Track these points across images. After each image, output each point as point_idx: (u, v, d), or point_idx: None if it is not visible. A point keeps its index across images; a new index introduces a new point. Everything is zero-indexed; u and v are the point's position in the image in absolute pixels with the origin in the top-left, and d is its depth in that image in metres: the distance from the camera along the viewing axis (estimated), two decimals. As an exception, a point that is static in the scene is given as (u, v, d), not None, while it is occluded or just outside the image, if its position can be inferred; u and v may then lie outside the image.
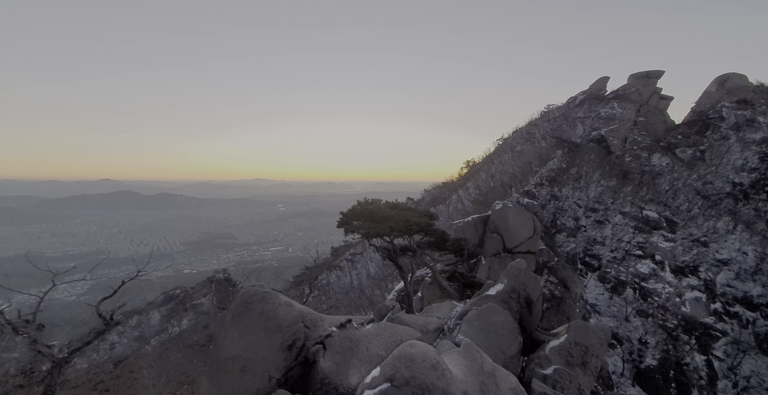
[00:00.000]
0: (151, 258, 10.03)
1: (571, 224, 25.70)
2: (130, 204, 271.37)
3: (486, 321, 5.73)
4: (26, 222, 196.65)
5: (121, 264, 71.62)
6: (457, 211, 39.99)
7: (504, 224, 18.78)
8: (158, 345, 21.14)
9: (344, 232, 12.90)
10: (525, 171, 33.54)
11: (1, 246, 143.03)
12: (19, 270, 9.52)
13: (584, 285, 21.75)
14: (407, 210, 12.91)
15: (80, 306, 26.22)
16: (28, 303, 7.89)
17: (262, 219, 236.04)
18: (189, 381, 8.93)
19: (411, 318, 6.85)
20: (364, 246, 44.51)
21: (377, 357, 5.10)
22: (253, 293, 6.02)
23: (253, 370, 5.14)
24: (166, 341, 22.36)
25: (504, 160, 42.25)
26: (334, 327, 5.97)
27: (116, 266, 71.73)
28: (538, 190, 27.70)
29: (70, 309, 35.51)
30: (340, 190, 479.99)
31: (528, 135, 42.42)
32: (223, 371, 5.29)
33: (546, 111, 44.55)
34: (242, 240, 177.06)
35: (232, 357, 5.37)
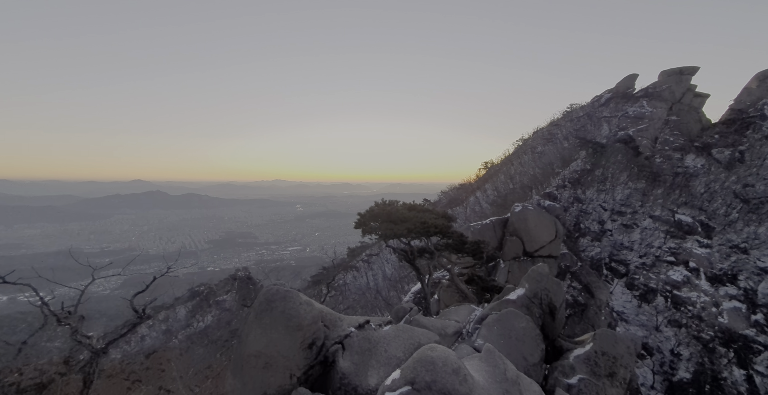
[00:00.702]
0: (179, 256, 10.51)
1: (596, 228, 24.71)
2: (159, 203, 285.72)
3: (506, 326, 5.62)
4: (67, 220, 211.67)
5: (150, 261, 75.46)
6: (475, 213, 39.38)
7: (524, 227, 18.31)
8: (184, 339, 22.08)
9: (362, 233, 12.97)
10: (546, 172, 32.58)
11: (46, 242, 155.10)
12: (62, 264, 10.29)
13: (610, 291, 20.84)
14: (425, 212, 12.84)
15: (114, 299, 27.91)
16: (69, 295, 8.50)
17: (281, 219, 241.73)
18: (214, 376, 9.29)
19: (429, 321, 6.82)
20: (380, 248, 44.62)
21: (395, 359, 5.12)
22: (275, 292, 6.19)
23: (275, 367, 5.28)
24: (192, 335, 23.32)
25: (524, 161, 41.22)
26: (352, 328, 6.04)
27: (146, 263, 75.70)
28: (560, 192, 26.83)
29: (105, 302, 37.82)
30: (356, 191, 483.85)
31: (549, 135, 41.20)
32: (246, 367, 5.47)
33: (569, 110, 43.11)
34: (262, 240, 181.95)
35: (255, 353, 5.53)
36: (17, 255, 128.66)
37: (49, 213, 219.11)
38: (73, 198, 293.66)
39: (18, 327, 10.61)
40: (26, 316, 9.80)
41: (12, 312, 27.00)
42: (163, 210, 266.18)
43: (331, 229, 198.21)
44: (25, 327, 8.69)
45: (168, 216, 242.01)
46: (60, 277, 8.19)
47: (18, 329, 9.88)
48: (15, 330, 10.93)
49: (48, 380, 6.74)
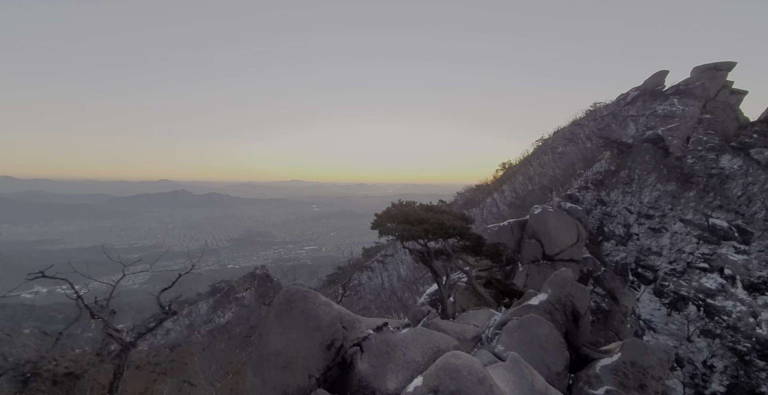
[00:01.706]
0: (203, 253, 10.90)
1: (621, 231, 23.67)
2: (183, 202, 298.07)
3: (528, 332, 5.45)
4: (100, 218, 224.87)
5: (175, 258, 78.55)
6: (492, 215, 38.67)
7: (544, 229, 17.79)
8: (206, 333, 22.87)
9: (378, 234, 12.96)
10: (567, 173, 31.57)
11: (82, 237, 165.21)
12: (95, 259, 10.95)
13: (636, 298, 19.92)
14: (442, 213, 12.70)
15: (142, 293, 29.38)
16: (102, 289, 8.98)
17: (297, 218, 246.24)
18: (234, 371, 9.55)
19: (447, 325, 6.72)
20: (395, 248, 44.55)
21: (414, 364, 5.06)
22: (295, 291, 6.26)
23: (294, 367, 5.33)
24: (213, 330, 24.10)
25: (544, 161, 40.10)
26: (370, 330, 6.02)
27: (171, 259, 78.88)
28: (582, 194, 25.89)
29: (134, 296, 39.87)
30: (371, 192, 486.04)
31: (571, 135, 39.87)
32: (266, 365, 5.55)
33: (592, 109, 41.57)
34: (279, 239, 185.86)
35: (275, 352, 5.61)
36: (56, 250, 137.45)
37: (85, 211, 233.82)
38: (106, 197, 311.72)
39: (55, 318, 11.38)
40: (63, 308, 10.47)
41: (51, 304, 29.02)
42: (187, 209, 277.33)
43: (347, 229, 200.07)
44: (62, 318, 9.24)
45: (191, 215, 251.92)
46: (93, 272, 8.67)
47: (55, 320, 10.59)
48: (53, 320, 11.73)
49: (81, 370, 7.14)
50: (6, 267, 59.45)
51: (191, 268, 10.37)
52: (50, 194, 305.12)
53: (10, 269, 42.44)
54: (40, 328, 8.51)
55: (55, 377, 6.74)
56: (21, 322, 11.33)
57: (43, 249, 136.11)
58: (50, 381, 6.69)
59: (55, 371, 6.84)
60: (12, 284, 7.71)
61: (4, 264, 66.20)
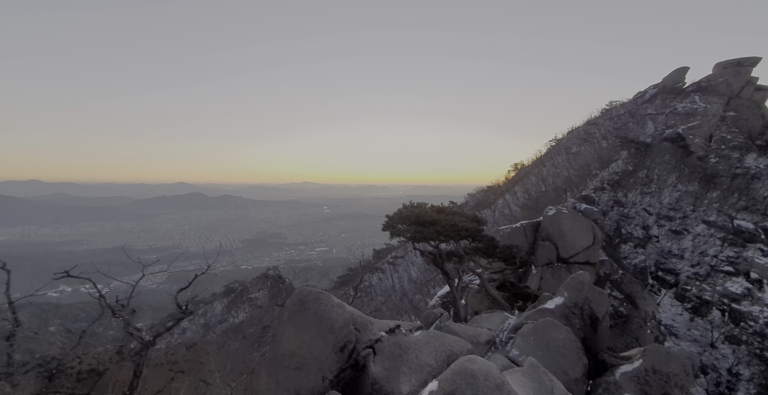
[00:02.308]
0: (218, 254, 11.17)
1: (640, 233, 22.94)
2: (198, 204, 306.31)
3: (544, 337, 5.33)
4: (121, 219, 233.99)
5: (191, 258, 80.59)
6: (504, 217, 38.13)
7: (558, 231, 17.41)
8: (221, 333, 23.33)
9: (390, 236, 12.95)
10: (582, 174, 30.84)
11: (104, 238, 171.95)
12: (117, 259, 11.37)
13: (657, 303, 19.23)
14: (454, 215, 12.60)
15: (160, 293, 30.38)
16: (122, 288, 9.31)
17: (308, 220, 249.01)
18: (248, 371, 9.71)
19: (460, 328, 6.65)
20: (406, 250, 44.43)
21: (427, 367, 5.03)
22: (308, 293, 6.32)
23: (308, 369, 5.37)
24: (228, 330, 24.57)
25: (557, 162, 39.31)
26: (383, 332, 6.02)
27: (187, 260, 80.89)
28: (598, 195, 25.22)
29: (152, 295, 41.20)
30: (382, 194, 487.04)
31: (586, 135, 38.96)
32: (280, 367, 5.61)
33: (608, 108, 40.55)
34: (291, 240, 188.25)
35: (289, 354, 5.67)
36: (80, 250, 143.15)
37: (107, 213, 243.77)
38: (126, 199, 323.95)
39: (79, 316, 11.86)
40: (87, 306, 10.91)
41: (75, 302, 30.29)
42: (203, 211, 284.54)
43: (357, 231, 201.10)
44: (85, 317, 9.62)
45: (206, 217, 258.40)
46: (115, 272, 8.98)
47: (79, 318, 11.03)
48: (77, 318, 12.22)
49: (103, 368, 7.40)
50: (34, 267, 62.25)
51: (207, 269, 10.62)
52: (75, 197, 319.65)
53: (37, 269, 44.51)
54: (65, 326, 8.91)
55: (78, 374, 7.02)
56: (47, 320, 11.89)
57: (68, 250, 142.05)
58: (74, 378, 6.97)
59: (79, 368, 7.12)
60: (39, 283, 8.10)
61: (32, 264, 69.29)
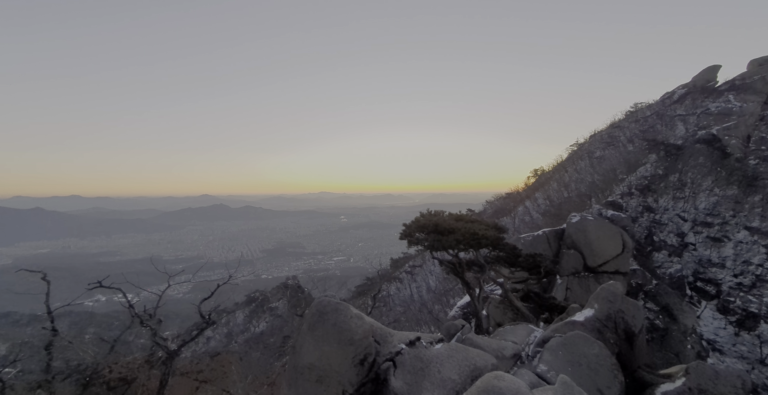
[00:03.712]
0: (239, 264, 11.44)
1: (674, 241, 21.55)
2: (221, 216, 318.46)
3: (574, 352, 5.03)
4: (151, 231, 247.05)
5: (214, 268, 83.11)
6: (525, 224, 37.06)
7: (584, 239, 16.65)
8: (243, 342, 23.65)
9: (407, 244, 12.82)
10: (607, 179, 29.62)
11: (135, 249, 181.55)
12: (146, 270, 11.90)
13: (697, 315, 17.84)
14: (473, 223, 12.34)
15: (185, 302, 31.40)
16: (151, 298, 9.68)
17: (326, 230, 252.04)
18: (269, 382, 9.73)
19: (484, 341, 6.41)
20: (424, 259, 43.83)
21: (450, 382, 4.85)
22: (326, 304, 6.31)
23: (328, 381, 5.31)
24: (249, 339, 24.87)
25: (580, 167, 38.02)
26: (403, 345, 5.89)
27: (211, 270, 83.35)
28: (625, 201, 24.04)
29: (178, 304, 42.62)
30: (398, 202, 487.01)
31: (610, 138, 37.60)
32: (300, 379, 5.58)
33: (633, 110, 39.07)
34: (309, 250, 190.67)
35: (309, 366, 5.63)
36: (113, 261, 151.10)
37: (138, 225, 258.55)
38: (155, 211, 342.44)
39: (112, 325, 12.43)
40: (119, 315, 11.43)
41: (109, 311, 31.84)
42: (225, 222, 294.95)
43: (374, 240, 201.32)
44: (118, 325, 10.05)
45: (229, 227, 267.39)
46: (144, 282, 9.38)
47: (112, 326, 11.56)
48: (110, 327, 12.81)
49: (133, 376, 7.66)
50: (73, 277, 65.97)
51: (228, 279, 10.88)
52: (110, 210, 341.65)
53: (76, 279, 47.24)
54: (99, 334, 9.32)
55: (110, 382, 7.28)
56: (83, 328, 12.62)
57: (104, 261, 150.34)
58: (106, 386, 7.23)
59: (111, 376, 7.40)
60: (77, 293, 8.58)
61: (71, 275, 73.47)
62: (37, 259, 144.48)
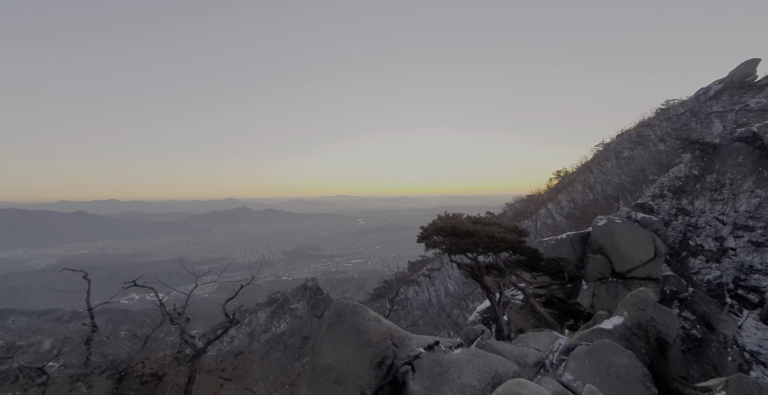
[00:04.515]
0: (261, 265, 11.80)
1: (712, 246, 20.18)
2: (244, 218, 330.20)
3: (602, 361, 4.82)
4: (179, 233, 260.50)
5: (238, 269, 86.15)
6: (547, 227, 35.93)
7: (611, 243, 15.96)
8: (264, 342, 24.26)
9: (425, 247, 12.74)
10: (636, 180, 28.24)
11: (165, 251, 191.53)
12: (175, 270, 12.57)
13: (738, 325, 16.60)
14: (492, 226, 12.11)
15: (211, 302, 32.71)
16: (179, 297, 10.17)
17: (344, 232, 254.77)
18: (290, 382, 9.93)
19: (505, 347, 6.26)
20: (442, 262, 43.31)
21: (470, 388, 4.78)
22: (344, 305, 6.38)
23: (347, 383, 5.36)
24: (270, 339, 25.46)
25: (606, 168, 36.48)
26: (421, 348, 5.86)
27: (234, 271, 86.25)
28: (657, 203, 22.80)
29: (204, 304, 44.45)
30: (415, 205, 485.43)
31: (639, 138, 35.89)
32: (320, 380, 5.66)
33: (664, 108, 37.14)
34: (328, 252, 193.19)
35: (327, 367, 5.71)
36: (146, 261, 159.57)
37: (168, 228, 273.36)
38: (184, 215, 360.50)
39: (145, 322, 13.14)
40: (151, 313, 12.11)
41: (142, 309, 33.75)
42: (248, 224, 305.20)
43: (392, 243, 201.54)
44: (149, 323, 10.63)
45: (251, 230, 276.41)
46: (173, 281, 9.88)
47: (144, 324, 12.23)
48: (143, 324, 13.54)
49: (163, 372, 8.05)
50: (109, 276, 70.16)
51: (251, 280, 11.23)
52: (143, 213, 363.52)
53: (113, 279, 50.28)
54: (133, 331, 9.89)
55: (142, 377, 7.71)
56: (119, 325, 13.46)
57: (137, 262, 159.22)
58: (138, 381, 7.66)
59: (143, 371, 7.82)
60: (113, 292, 9.17)
61: (108, 274, 78.13)
62: (78, 259, 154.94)
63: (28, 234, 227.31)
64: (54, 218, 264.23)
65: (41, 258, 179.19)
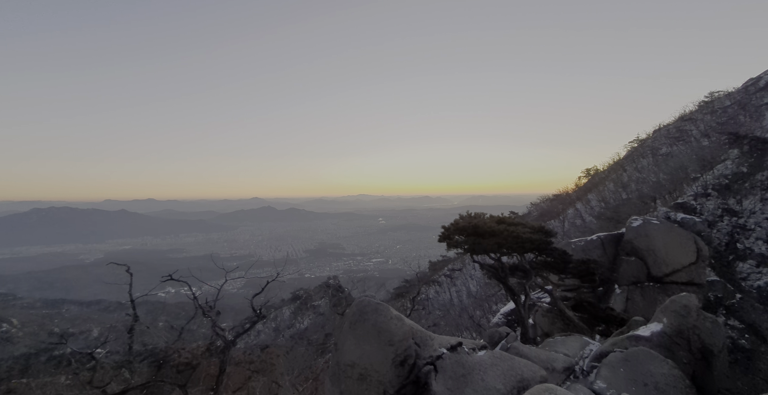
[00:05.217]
0: (285, 263, 12.19)
1: (763, 249, 18.47)
2: (269, 217, 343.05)
3: (638, 369, 4.56)
4: (210, 231, 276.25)
5: (263, 266, 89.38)
6: (576, 228, 34.42)
7: (647, 245, 15.01)
8: (289, 337, 25.02)
9: (446, 247, 12.59)
10: (676, 178, 26.38)
11: (197, 247, 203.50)
12: (206, 266, 13.30)
13: (796, 338, 15.11)
14: (516, 225, 11.75)
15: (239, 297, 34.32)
16: (210, 291, 10.71)
17: (365, 231, 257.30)
18: (313, 377, 10.21)
19: (531, 351, 6.07)
20: (464, 262, 42.58)
21: (495, 392, 4.68)
22: (367, 303, 6.44)
23: (369, 381, 5.41)
24: (294, 335, 26.22)
25: (641, 165, 34.40)
26: (444, 349, 5.81)
27: (261, 267, 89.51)
28: (700, 203, 21.17)
29: (233, 299, 46.76)
30: (436, 204, 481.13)
31: (679, 133, 33.53)
32: (343, 376, 5.76)
33: (708, 100, 34.43)
34: (349, 251, 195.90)
35: (350, 364, 5.79)
36: (180, 257, 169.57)
37: (200, 226, 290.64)
38: (214, 213, 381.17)
39: (180, 314, 14.00)
40: (185, 306, 12.88)
41: (177, 302, 35.97)
42: (272, 223, 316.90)
43: (412, 242, 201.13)
44: (184, 315, 11.31)
45: (276, 228, 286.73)
46: (205, 276, 10.45)
47: (180, 316, 13.03)
48: (178, 316, 14.44)
49: (196, 362, 8.53)
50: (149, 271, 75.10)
51: (276, 276, 11.61)
52: (178, 212, 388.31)
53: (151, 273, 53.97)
54: (170, 322, 10.56)
55: (178, 366, 8.21)
56: (157, 316, 14.45)
57: (173, 257, 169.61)
58: (175, 369, 8.17)
59: (179, 360, 8.34)
60: (152, 285, 9.85)
61: (147, 269, 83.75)
62: (121, 254, 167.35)
63: (79, 231, 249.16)
64: (101, 216, 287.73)
65: (90, 252, 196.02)
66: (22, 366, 12.44)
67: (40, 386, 8.84)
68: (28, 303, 62.31)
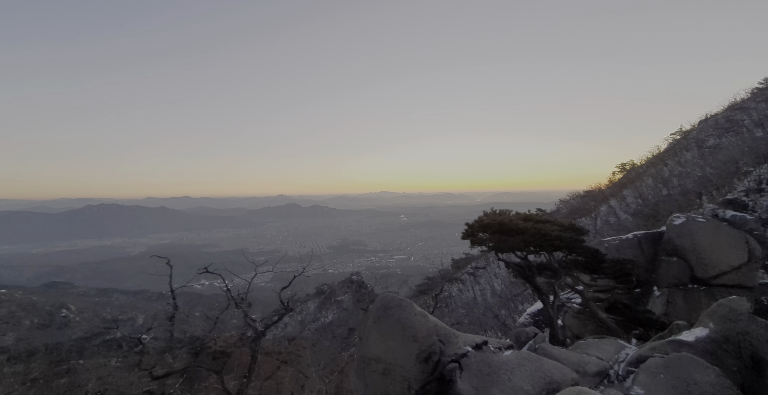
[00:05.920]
0: (311, 258, 12.59)
1: (831, 250, 16.62)
2: (294, 214, 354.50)
3: (680, 376, 4.29)
4: (240, 227, 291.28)
5: (289, 261, 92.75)
6: (609, 226, 32.62)
7: (691, 245, 13.94)
8: (314, 330, 25.85)
9: (470, 245, 12.37)
10: (725, 173, 24.23)
11: (228, 242, 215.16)
12: (237, 260, 14.06)
13: None
14: (544, 223, 11.32)
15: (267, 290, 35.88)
16: (241, 284, 11.30)
17: (387, 228, 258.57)
18: (338, 370, 10.53)
19: (561, 353, 5.88)
20: (488, 260, 41.67)
21: (522, 392, 4.59)
22: (390, 299, 6.50)
23: (393, 375, 5.48)
24: (320, 328, 27.03)
25: (685, 159, 31.89)
26: (469, 347, 5.76)
27: (287, 263, 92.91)
28: (753, 199, 19.32)
29: (261, 292, 49.13)
30: (459, 202, 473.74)
31: (729, 123, 30.73)
32: (367, 370, 5.86)
33: (762, 87, 31.28)
34: (371, 247, 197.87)
35: (375, 358, 5.88)
36: (214, 252, 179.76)
37: (230, 222, 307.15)
38: (243, 210, 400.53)
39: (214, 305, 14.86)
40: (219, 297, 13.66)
41: (212, 294, 38.25)
42: (297, 220, 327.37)
43: (434, 239, 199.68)
44: (218, 306, 12.01)
45: (300, 225, 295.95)
46: (236, 270, 11.03)
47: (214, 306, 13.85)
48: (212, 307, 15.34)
49: (230, 351, 9.06)
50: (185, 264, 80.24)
51: (302, 271, 12.00)
52: (211, 208, 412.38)
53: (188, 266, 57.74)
54: (205, 313, 11.31)
55: (214, 354, 8.78)
56: (193, 307, 15.49)
57: (207, 251, 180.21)
58: (210, 357, 8.72)
59: (214, 348, 8.91)
60: (189, 277, 10.55)
61: (183, 262, 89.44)
62: (162, 248, 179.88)
63: (124, 226, 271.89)
64: (143, 212, 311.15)
65: (134, 246, 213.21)
66: (79, 348, 13.80)
67: (95, 367, 9.77)
68: (83, 291, 68.78)
